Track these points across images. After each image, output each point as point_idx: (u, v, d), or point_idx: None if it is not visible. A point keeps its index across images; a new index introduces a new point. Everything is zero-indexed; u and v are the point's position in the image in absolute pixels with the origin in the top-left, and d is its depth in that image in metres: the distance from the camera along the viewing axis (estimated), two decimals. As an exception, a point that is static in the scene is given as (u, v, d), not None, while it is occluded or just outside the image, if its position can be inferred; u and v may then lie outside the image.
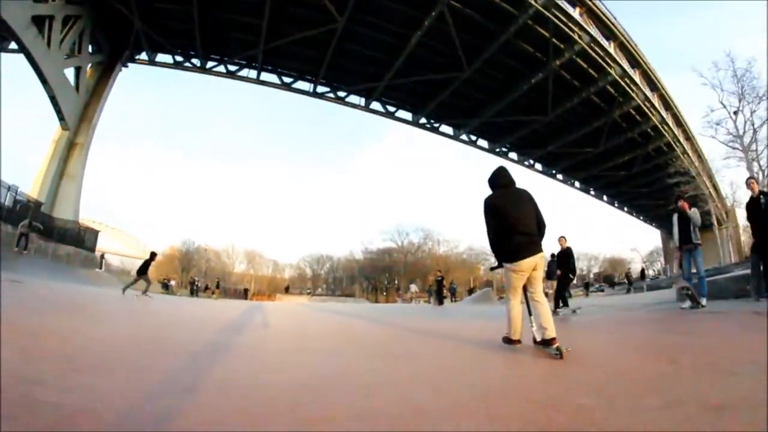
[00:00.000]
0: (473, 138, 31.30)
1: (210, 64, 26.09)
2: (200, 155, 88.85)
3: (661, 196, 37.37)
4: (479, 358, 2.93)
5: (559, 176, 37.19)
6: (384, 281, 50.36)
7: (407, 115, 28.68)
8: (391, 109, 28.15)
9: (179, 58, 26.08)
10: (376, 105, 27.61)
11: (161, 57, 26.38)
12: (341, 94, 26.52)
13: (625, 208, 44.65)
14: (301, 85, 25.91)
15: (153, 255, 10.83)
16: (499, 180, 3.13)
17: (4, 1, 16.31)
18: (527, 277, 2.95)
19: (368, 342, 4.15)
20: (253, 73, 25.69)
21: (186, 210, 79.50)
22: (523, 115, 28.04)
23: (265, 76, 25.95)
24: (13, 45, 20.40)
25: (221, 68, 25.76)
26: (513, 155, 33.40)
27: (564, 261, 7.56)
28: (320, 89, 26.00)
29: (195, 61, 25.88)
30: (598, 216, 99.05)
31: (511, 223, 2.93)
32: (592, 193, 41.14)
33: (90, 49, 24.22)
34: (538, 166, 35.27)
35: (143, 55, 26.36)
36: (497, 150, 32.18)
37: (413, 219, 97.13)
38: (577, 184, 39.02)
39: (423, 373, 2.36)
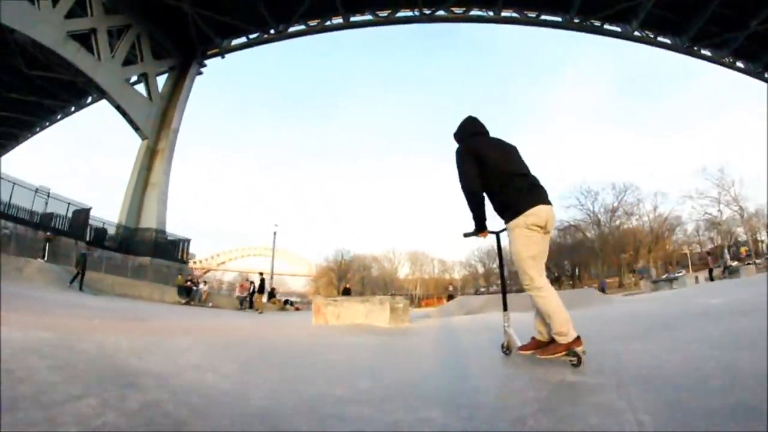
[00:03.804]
0: (649, 34, 21.73)
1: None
2: (327, 154, 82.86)
3: None
4: None
5: (768, 76, 25.44)
6: (566, 268, 39.23)
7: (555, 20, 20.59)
8: (531, 14, 20.33)
9: (253, 36, 22.07)
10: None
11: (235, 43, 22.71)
12: (458, 11, 19.47)
13: None
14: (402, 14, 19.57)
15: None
16: (471, 128, 2.21)
17: (33, 29, 15.43)
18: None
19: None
20: (338, 21, 20.30)
21: (334, 220, 74.47)
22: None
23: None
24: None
25: (301, 27, 20.94)
26: (706, 52, 22.87)
27: None
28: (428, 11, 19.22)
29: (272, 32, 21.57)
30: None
31: (505, 168, 1.98)
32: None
33: (156, 56, 21.74)
34: (740, 63, 24.15)
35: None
36: (685, 45, 22.03)
37: (601, 174, 70.39)
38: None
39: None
